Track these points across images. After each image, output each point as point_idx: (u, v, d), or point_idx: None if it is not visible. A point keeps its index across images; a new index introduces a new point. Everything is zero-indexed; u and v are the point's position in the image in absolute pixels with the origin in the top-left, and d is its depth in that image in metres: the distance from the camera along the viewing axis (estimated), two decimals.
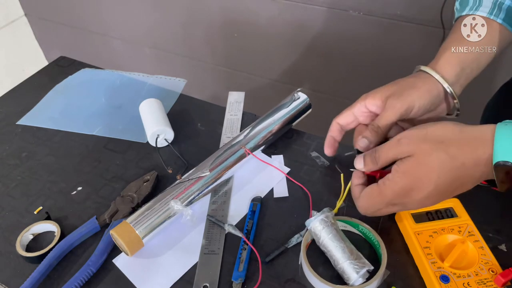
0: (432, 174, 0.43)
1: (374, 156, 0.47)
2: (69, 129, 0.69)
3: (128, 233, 0.49)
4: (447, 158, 0.42)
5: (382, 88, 0.53)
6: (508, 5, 0.53)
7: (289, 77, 1.35)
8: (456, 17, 0.58)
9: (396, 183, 0.44)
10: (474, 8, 0.55)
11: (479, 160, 0.42)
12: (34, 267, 0.48)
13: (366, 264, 0.45)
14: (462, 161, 0.42)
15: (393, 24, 1.07)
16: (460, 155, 0.42)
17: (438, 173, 0.42)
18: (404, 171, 0.44)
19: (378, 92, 0.53)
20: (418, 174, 0.43)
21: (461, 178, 0.43)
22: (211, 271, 0.48)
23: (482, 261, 0.46)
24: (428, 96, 0.51)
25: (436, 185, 0.43)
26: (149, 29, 1.50)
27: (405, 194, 0.44)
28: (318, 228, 0.47)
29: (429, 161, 0.43)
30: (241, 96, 0.73)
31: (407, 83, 0.52)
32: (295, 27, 1.21)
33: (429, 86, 0.52)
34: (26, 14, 1.76)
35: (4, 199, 0.58)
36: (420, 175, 0.43)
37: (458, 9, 0.58)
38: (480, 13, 0.54)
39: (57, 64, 0.84)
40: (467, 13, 0.55)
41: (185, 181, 0.54)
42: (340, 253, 0.46)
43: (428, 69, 0.53)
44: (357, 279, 0.44)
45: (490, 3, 0.54)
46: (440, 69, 0.53)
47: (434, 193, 0.43)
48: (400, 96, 0.51)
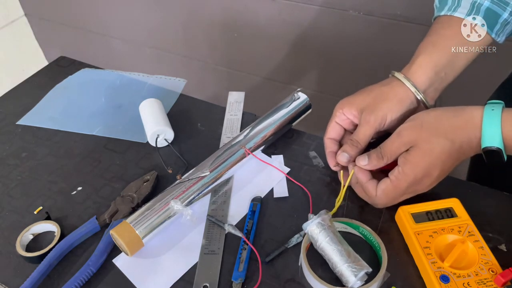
0: (438, 160, 0.47)
1: (380, 152, 0.50)
2: (69, 129, 0.69)
3: (128, 233, 0.49)
4: (447, 142, 0.47)
5: (357, 98, 0.55)
6: (486, 6, 0.53)
7: (289, 77, 1.35)
8: (435, 16, 0.58)
9: (408, 175, 0.48)
10: (452, 8, 0.55)
11: (472, 142, 0.47)
12: (34, 267, 0.48)
13: (364, 267, 0.45)
14: (459, 144, 0.47)
15: (393, 24, 1.07)
16: (457, 138, 0.47)
17: (442, 159, 0.47)
18: (413, 162, 0.47)
19: (353, 103, 0.55)
20: (425, 163, 0.47)
21: (460, 158, 0.48)
22: (211, 271, 0.48)
23: (482, 261, 0.46)
24: (400, 107, 0.53)
25: (442, 168, 0.48)
26: (149, 29, 1.50)
27: (418, 182, 0.48)
28: (315, 232, 0.47)
29: (432, 149, 0.47)
30: (241, 96, 0.73)
31: (379, 94, 0.54)
32: (295, 27, 1.21)
33: (400, 96, 0.53)
34: (26, 14, 1.76)
35: (4, 199, 0.58)
36: (428, 163, 0.47)
37: (437, 7, 0.58)
38: (458, 14, 0.54)
39: (57, 64, 0.84)
40: (445, 13, 0.56)
41: (185, 181, 0.54)
42: (338, 256, 0.46)
43: (400, 75, 0.54)
44: (355, 282, 0.44)
45: (468, 4, 0.54)
46: (412, 75, 0.54)
47: (441, 174, 0.49)
48: (373, 110, 0.53)
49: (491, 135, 0.45)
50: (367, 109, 0.53)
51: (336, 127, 0.57)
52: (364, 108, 0.53)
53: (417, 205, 0.51)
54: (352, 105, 0.54)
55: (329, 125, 0.57)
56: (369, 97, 0.54)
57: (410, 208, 0.51)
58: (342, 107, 0.55)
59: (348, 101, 0.55)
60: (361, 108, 0.54)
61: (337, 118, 0.56)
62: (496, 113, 0.45)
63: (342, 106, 0.55)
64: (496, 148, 0.45)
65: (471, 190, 0.55)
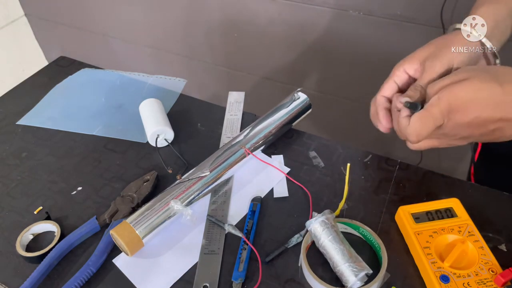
0: (480, 102, 0.42)
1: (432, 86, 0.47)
2: (69, 129, 0.69)
3: (128, 233, 0.49)
4: (500, 91, 0.42)
5: (418, 51, 0.52)
6: None
7: (289, 77, 1.35)
8: None
9: (443, 101, 0.44)
10: None
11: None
12: (34, 267, 0.48)
13: (365, 268, 0.45)
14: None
15: (393, 24, 1.07)
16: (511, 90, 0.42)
17: (486, 102, 0.42)
18: (452, 90, 0.44)
19: (414, 56, 0.52)
20: (466, 96, 0.43)
21: (505, 119, 0.43)
22: (211, 271, 0.48)
23: (482, 261, 0.46)
24: (466, 51, 0.51)
25: (480, 114, 0.43)
26: (149, 29, 1.50)
27: (450, 115, 0.44)
28: (318, 230, 0.47)
29: (481, 88, 0.43)
30: (241, 96, 0.73)
31: (443, 42, 0.51)
32: (295, 27, 1.21)
33: (465, 41, 0.51)
34: (26, 14, 1.76)
35: (4, 199, 0.58)
36: (468, 98, 0.43)
37: None
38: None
39: (57, 64, 0.84)
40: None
41: (185, 181, 0.54)
42: (340, 256, 0.46)
43: (461, 25, 0.52)
44: (355, 282, 0.44)
45: None
46: None
47: (475, 124, 0.43)
48: (437, 57, 0.50)
49: None
50: (431, 57, 0.50)
51: (392, 85, 0.53)
52: (427, 57, 0.51)
53: (417, 205, 0.51)
54: (413, 59, 0.51)
55: (385, 82, 0.54)
56: (431, 47, 0.51)
57: (410, 208, 0.51)
58: (403, 64, 0.52)
59: (409, 57, 0.52)
60: (424, 59, 0.51)
61: (395, 77, 0.53)
62: None
63: (403, 63, 0.52)
64: None
65: (471, 190, 0.55)
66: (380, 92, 0.54)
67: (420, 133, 0.46)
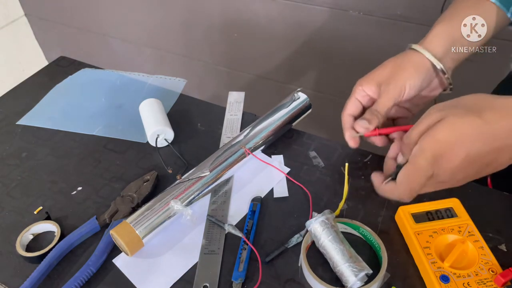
0: (464, 140, 0.40)
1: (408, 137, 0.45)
2: (69, 129, 0.69)
3: (128, 233, 0.49)
4: (481, 122, 0.39)
5: (375, 73, 0.55)
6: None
7: (289, 77, 1.35)
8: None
9: (425, 150, 0.41)
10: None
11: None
12: (34, 267, 0.48)
13: (365, 268, 0.45)
14: (496, 126, 0.39)
15: (393, 24, 1.07)
16: (494, 120, 0.39)
17: (470, 139, 0.39)
18: (432, 135, 0.41)
19: (371, 77, 0.54)
20: (448, 138, 0.40)
21: (495, 149, 0.40)
22: (211, 271, 0.48)
23: (482, 261, 0.46)
24: (417, 75, 0.53)
25: (468, 152, 0.40)
26: (149, 29, 1.50)
27: (437, 162, 0.41)
28: (318, 230, 0.47)
29: (461, 125, 0.40)
30: (241, 96, 0.73)
31: (396, 65, 0.54)
32: (295, 27, 1.21)
33: (417, 64, 0.53)
34: (26, 14, 1.76)
35: (4, 199, 0.58)
36: (451, 140, 0.40)
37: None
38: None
39: (57, 64, 0.84)
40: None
41: (185, 181, 0.54)
42: (340, 256, 0.46)
43: (416, 46, 0.54)
44: (355, 282, 0.44)
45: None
46: (428, 44, 0.53)
47: (466, 162, 0.40)
48: (391, 81, 0.52)
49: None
50: (386, 81, 0.53)
51: (355, 103, 0.56)
52: (383, 81, 0.53)
53: (417, 205, 0.51)
54: (371, 81, 0.54)
55: (348, 101, 0.56)
56: (386, 70, 0.54)
57: (410, 208, 0.51)
58: (362, 83, 0.55)
59: (367, 78, 0.55)
60: (379, 82, 0.53)
61: (357, 94, 0.55)
62: None
63: (361, 83, 0.55)
64: None
65: (471, 190, 0.55)
66: (344, 110, 0.56)
67: (412, 189, 0.44)
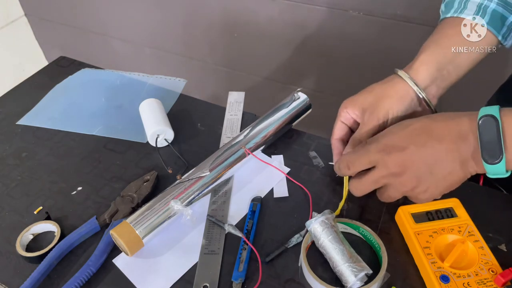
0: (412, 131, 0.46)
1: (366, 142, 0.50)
2: (69, 129, 0.69)
3: (128, 233, 0.49)
4: (429, 120, 0.46)
5: (359, 97, 0.55)
6: (493, 8, 0.54)
7: (289, 77, 1.35)
8: (441, 19, 0.58)
9: (376, 138, 0.48)
10: (458, 10, 0.55)
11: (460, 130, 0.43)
12: (34, 267, 0.48)
13: (365, 268, 0.45)
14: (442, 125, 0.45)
15: (393, 24, 1.07)
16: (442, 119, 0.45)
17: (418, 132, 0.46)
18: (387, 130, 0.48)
19: (356, 102, 0.55)
20: (399, 130, 0.47)
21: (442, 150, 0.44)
22: (211, 271, 0.48)
23: (482, 261, 0.46)
24: (401, 104, 0.53)
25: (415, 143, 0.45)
26: (149, 29, 1.50)
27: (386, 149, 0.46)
28: (318, 230, 0.47)
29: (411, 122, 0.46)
30: (241, 96, 0.73)
31: (380, 92, 0.54)
32: (295, 27, 1.21)
33: (401, 93, 0.53)
34: (26, 14, 1.76)
35: (4, 199, 0.58)
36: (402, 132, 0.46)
37: (443, 11, 0.59)
38: (465, 16, 0.54)
39: (57, 64, 0.84)
40: (451, 15, 0.56)
41: (185, 181, 0.54)
42: (339, 256, 0.46)
43: (401, 73, 0.54)
44: (354, 282, 0.44)
45: (474, 6, 0.54)
46: (413, 72, 0.54)
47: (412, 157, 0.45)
48: (375, 110, 0.53)
49: (489, 109, 0.42)
50: (369, 109, 0.53)
51: (342, 126, 0.57)
52: (366, 108, 0.54)
53: (417, 205, 0.51)
54: (355, 105, 0.55)
55: (335, 125, 0.57)
56: (370, 96, 0.54)
57: (410, 208, 0.51)
58: (346, 106, 0.55)
59: (351, 101, 0.55)
60: (363, 108, 0.54)
61: (342, 118, 0.56)
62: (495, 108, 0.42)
63: (346, 106, 0.55)
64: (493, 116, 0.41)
65: (471, 190, 0.55)
66: (332, 136, 0.57)
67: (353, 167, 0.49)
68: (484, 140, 0.42)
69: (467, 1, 0.55)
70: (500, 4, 0.53)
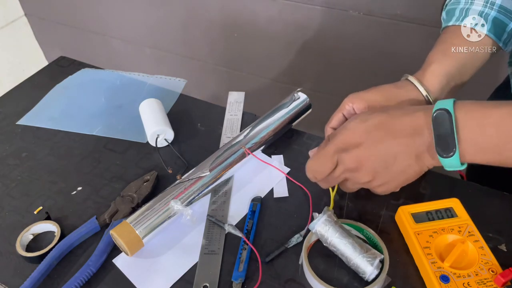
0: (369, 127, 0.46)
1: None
2: (69, 129, 0.69)
3: (128, 233, 0.49)
4: (386, 115, 0.46)
5: (369, 93, 0.54)
6: (494, 16, 0.54)
7: (289, 77, 1.35)
8: (443, 27, 0.59)
9: (335, 136, 0.48)
10: (460, 19, 0.56)
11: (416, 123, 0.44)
12: (34, 267, 0.48)
13: (377, 254, 0.46)
14: (398, 121, 0.45)
15: (393, 24, 1.07)
16: (397, 115, 0.46)
17: (375, 128, 0.46)
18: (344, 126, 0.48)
19: (364, 98, 0.53)
20: (356, 127, 0.47)
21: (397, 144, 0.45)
22: (211, 271, 0.48)
23: (482, 261, 0.46)
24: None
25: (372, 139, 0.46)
26: (149, 29, 1.50)
27: (344, 148, 0.47)
28: (324, 229, 0.47)
29: (368, 116, 0.47)
30: (241, 96, 0.73)
31: (390, 94, 0.53)
32: (295, 27, 1.21)
33: (411, 99, 0.53)
34: (26, 14, 1.76)
35: (4, 199, 0.58)
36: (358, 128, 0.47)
37: (444, 19, 0.59)
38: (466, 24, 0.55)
39: (57, 64, 0.84)
40: (453, 24, 0.56)
41: (185, 181, 0.54)
42: (351, 250, 0.46)
43: (414, 80, 0.54)
44: (372, 271, 0.45)
45: (476, 14, 0.54)
46: (426, 81, 0.54)
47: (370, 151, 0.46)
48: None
49: (443, 102, 0.43)
50: (377, 107, 0.52)
51: (341, 117, 0.55)
52: (374, 107, 0.52)
53: (417, 205, 0.51)
54: (361, 101, 0.53)
55: (334, 115, 0.56)
56: (380, 95, 0.53)
57: (410, 208, 0.51)
58: (353, 101, 0.54)
59: (360, 96, 0.54)
60: (370, 106, 0.53)
61: (345, 110, 0.55)
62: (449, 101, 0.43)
63: (353, 100, 0.54)
64: (445, 110, 0.42)
65: (471, 190, 0.55)
66: (328, 123, 0.57)
67: (317, 171, 0.50)
68: (437, 134, 0.43)
69: (468, 9, 0.55)
70: (501, 12, 0.54)
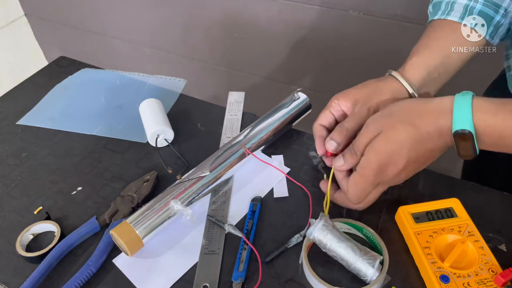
0: (403, 148, 0.45)
1: (352, 150, 0.49)
2: (69, 129, 0.69)
3: (128, 233, 0.49)
4: (413, 129, 0.45)
5: (353, 90, 0.56)
6: (479, 9, 0.54)
7: (289, 77, 1.35)
8: (429, 21, 0.59)
9: (372, 162, 0.46)
10: (446, 12, 0.56)
11: (441, 129, 0.45)
12: (34, 267, 0.48)
13: (377, 256, 0.46)
14: (426, 130, 0.45)
15: (393, 24, 1.07)
16: (423, 124, 0.45)
17: (407, 146, 0.45)
18: (376, 148, 0.46)
19: (349, 95, 0.55)
20: (389, 150, 0.46)
21: (429, 148, 0.46)
22: (211, 271, 0.48)
23: (482, 261, 0.46)
24: (392, 100, 0.53)
25: (408, 157, 0.46)
26: (149, 29, 1.50)
27: (383, 171, 0.47)
28: (322, 235, 0.47)
29: (396, 135, 0.46)
30: (241, 96, 0.73)
31: (374, 88, 0.55)
32: (295, 27, 1.21)
33: (394, 92, 0.54)
34: (26, 14, 1.76)
35: (4, 199, 0.58)
36: (391, 150, 0.46)
37: (431, 12, 0.59)
38: (452, 18, 0.55)
39: (57, 64, 0.84)
40: (439, 17, 0.57)
41: (185, 181, 0.54)
42: (351, 254, 0.46)
43: (395, 73, 0.55)
44: (374, 273, 0.45)
45: (461, 8, 0.55)
46: (406, 73, 0.55)
47: (408, 165, 0.46)
48: (367, 102, 0.54)
49: (462, 118, 0.43)
50: (361, 101, 0.54)
51: (328, 115, 0.57)
52: (358, 101, 0.54)
53: (417, 205, 0.51)
54: (347, 97, 0.55)
55: (322, 113, 0.57)
56: (363, 90, 0.55)
57: (410, 208, 0.51)
58: (338, 98, 0.56)
59: (344, 93, 0.56)
60: (355, 100, 0.54)
61: (332, 108, 0.57)
62: (467, 98, 0.44)
63: (338, 97, 0.56)
64: (467, 132, 0.43)
65: (471, 190, 0.55)
66: (317, 120, 0.57)
67: (360, 196, 0.49)
68: None
69: (453, 3, 0.56)
70: (486, 4, 0.54)
